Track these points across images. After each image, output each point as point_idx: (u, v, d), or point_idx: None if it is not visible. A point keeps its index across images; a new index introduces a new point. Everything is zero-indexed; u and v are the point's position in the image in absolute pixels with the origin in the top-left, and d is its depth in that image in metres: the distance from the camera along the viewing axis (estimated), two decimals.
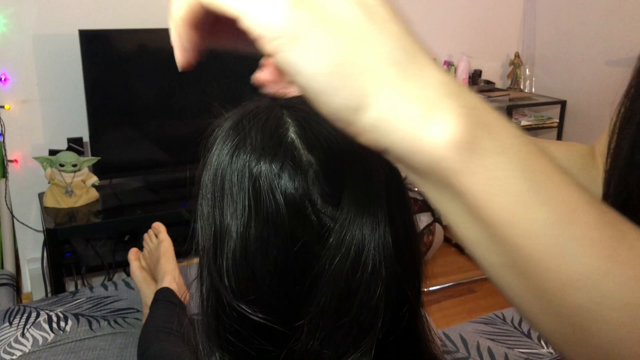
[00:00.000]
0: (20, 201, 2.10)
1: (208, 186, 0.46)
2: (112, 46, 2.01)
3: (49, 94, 2.06)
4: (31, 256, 2.16)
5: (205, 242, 0.46)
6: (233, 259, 0.44)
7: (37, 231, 2.14)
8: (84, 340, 1.28)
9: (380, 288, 0.43)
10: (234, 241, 0.44)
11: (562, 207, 0.27)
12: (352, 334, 0.44)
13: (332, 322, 0.43)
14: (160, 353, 1.06)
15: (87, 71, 1.93)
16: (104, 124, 2.03)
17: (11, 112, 2.02)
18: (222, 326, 0.47)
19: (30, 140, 2.08)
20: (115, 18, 2.10)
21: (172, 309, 1.19)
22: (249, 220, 0.43)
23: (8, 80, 2.01)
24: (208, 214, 0.46)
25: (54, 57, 2.04)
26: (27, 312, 1.35)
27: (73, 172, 1.94)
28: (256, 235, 0.44)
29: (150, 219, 1.56)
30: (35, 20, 1.99)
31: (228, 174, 0.45)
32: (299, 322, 0.44)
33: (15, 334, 1.27)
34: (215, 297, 0.46)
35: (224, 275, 0.45)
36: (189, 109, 2.05)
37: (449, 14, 2.81)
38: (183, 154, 2.16)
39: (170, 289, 1.26)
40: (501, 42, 2.99)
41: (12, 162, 2.06)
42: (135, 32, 2.04)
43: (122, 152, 2.09)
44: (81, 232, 1.98)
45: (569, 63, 2.79)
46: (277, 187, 0.43)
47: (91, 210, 1.99)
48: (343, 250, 0.42)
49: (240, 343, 0.46)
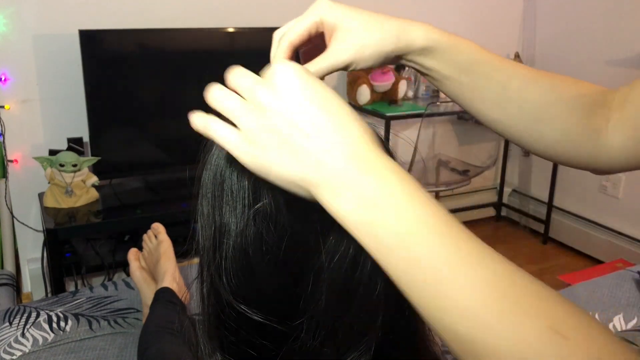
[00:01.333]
0: (20, 201, 2.10)
1: (208, 185, 0.46)
2: (112, 46, 2.01)
3: (49, 94, 2.06)
4: (31, 256, 2.16)
5: (205, 241, 0.47)
6: (233, 257, 0.44)
7: (37, 231, 2.14)
8: (84, 340, 1.28)
9: (379, 286, 0.43)
10: (234, 239, 0.44)
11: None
12: (352, 333, 0.44)
13: (332, 320, 0.43)
14: (161, 353, 1.06)
15: (87, 71, 1.93)
16: (104, 124, 2.03)
17: (11, 112, 2.02)
18: (222, 326, 0.47)
19: (30, 140, 2.08)
20: (115, 18, 2.10)
21: (172, 308, 1.19)
22: (248, 218, 0.43)
23: (8, 80, 2.01)
24: (208, 213, 0.46)
25: (54, 57, 2.04)
26: (27, 312, 1.35)
27: (73, 172, 1.94)
28: (256, 233, 0.44)
29: (150, 219, 1.56)
30: (35, 20, 1.99)
31: (227, 172, 0.45)
32: (299, 320, 0.44)
33: (15, 334, 1.27)
34: (215, 296, 0.46)
35: (222, 275, 0.45)
36: (189, 109, 2.04)
37: (448, 14, 2.81)
38: (183, 154, 2.16)
39: (170, 288, 1.26)
40: (501, 42, 2.99)
41: (12, 162, 2.06)
42: (135, 32, 2.04)
43: (122, 152, 2.09)
44: (81, 232, 1.98)
45: (569, 63, 2.79)
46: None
47: (91, 210, 1.99)
48: (342, 248, 0.42)
49: (240, 342, 0.46)
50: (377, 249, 0.36)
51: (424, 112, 2.42)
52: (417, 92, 2.75)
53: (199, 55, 2.12)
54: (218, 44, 2.20)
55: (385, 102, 2.57)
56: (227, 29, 2.17)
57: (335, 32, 0.50)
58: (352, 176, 0.36)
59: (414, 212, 0.35)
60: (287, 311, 0.45)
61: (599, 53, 2.64)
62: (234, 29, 2.17)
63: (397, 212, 0.35)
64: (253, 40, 2.16)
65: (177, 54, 2.09)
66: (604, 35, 2.63)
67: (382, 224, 0.35)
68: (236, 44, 2.21)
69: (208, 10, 2.25)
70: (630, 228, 2.62)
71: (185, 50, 2.11)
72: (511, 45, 3.02)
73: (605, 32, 2.63)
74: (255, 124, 0.38)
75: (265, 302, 0.45)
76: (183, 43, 2.11)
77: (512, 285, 0.33)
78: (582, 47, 2.75)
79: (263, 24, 2.17)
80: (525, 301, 0.32)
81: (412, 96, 2.74)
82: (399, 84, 2.57)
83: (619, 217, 2.66)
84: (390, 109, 2.47)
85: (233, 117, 0.40)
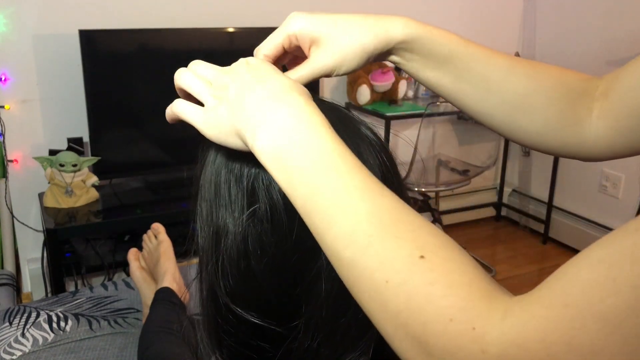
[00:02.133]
0: (20, 201, 2.10)
1: (206, 187, 0.47)
2: (112, 46, 2.01)
3: (49, 94, 2.06)
4: (31, 256, 2.16)
5: (204, 242, 0.47)
6: (231, 258, 0.44)
7: (37, 231, 2.14)
8: (84, 340, 1.28)
9: None
10: (232, 241, 0.44)
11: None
12: (350, 334, 0.44)
13: (330, 322, 0.43)
14: (161, 353, 1.06)
15: (87, 71, 1.93)
16: (104, 124, 2.03)
17: (11, 112, 2.02)
18: (220, 327, 0.47)
19: (30, 140, 2.08)
20: (115, 18, 2.10)
21: (172, 308, 1.19)
22: (246, 219, 0.43)
23: (8, 80, 2.01)
24: (207, 214, 0.46)
25: (54, 57, 2.04)
26: (27, 312, 1.35)
27: (73, 172, 1.94)
28: (254, 234, 0.44)
29: (150, 219, 1.56)
30: (35, 20, 1.99)
31: (225, 175, 0.45)
32: (297, 322, 0.44)
33: (15, 334, 1.27)
34: (212, 297, 0.46)
35: (220, 276, 0.45)
36: None
37: (448, 14, 2.81)
38: (183, 154, 2.17)
39: (170, 288, 1.26)
40: (501, 42, 2.99)
41: (12, 162, 2.06)
42: (135, 32, 2.04)
43: (122, 152, 2.09)
44: (81, 232, 1.98)
45: (569, 63, 2.79)
46: (274, 187, 0.44)
47: (91, 210, 1.99)
48: None
49: (238, 344, 0.46)
50: (287, 180, 0.40)
51: (424, 112, 2.42)
52: (417, 92, 2.75)
53: (199, 55, 2.09)
54: (218, 44, 2.20)
55: (385, 102, 2.57)
56: (227, 29, 2.17)
57: (316, 41, 0.51)
58: (267, 110, 0.41)
59: (318, 145, 0.40)
60: (285, 312, 0.44)
61: (599, 53, 2.64)
62: (234, 29, 2.17)
63: (303, 144, 0.40)
64: (253, 40, 2.13)
65: (177, 54, 2.09)
66: (604, 35, 2.63)
67: (290, 156, 0.40)
68: (236, 44, 2.21)
69: (208, 10, 2.25)
70: None
71: (185, 50, 2.11)
72: (511, 45, 3.02)
73: (605, 32, 2.63)
74: (217, 100, 0.44)
75: (263, 302, 0.45)
76: (183, 43, 2.11)
77: (390, 217, 0.37)
78: (582, 47, 2.75)
79: (263, 24, 2.17)
80: (398, 229, 0.37)
81: (412, 96, 2.74)
82: (399, 83, 2.57)
83: (619, 217, 2.66)
84: (390, 109, 2.47)
85: (199, 94, 0.45)
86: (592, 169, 2.74)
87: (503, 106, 0.56)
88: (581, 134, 0.56)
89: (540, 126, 0.57)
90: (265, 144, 0.41)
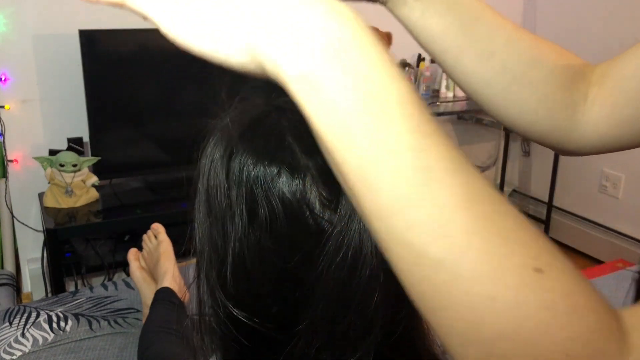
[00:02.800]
0: (20, 201, 2.10)
1: (202, 192, 0.46)
2: (112, 46, 2.01)
3: (49, 94, 2.06)
4: (31, 256, 2.16)
5: (202, 246, 0.46)
6: (231, 265, 0.44)
7: (37, 231, 2.14)
8: (84, 340, 1.28)
9: (377, 293, 0.42)
10: (231, 247, 0.44)
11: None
12: (349, 339, 0.43)
13: (330, 328, 0.43)
14: (161, 353, 1.06)
15: (87, 71, 1.93)
16: (104, 124, 2.03)
17: (11, 112, 2.02)
18: (219, 330, 0.46)
19: (30, 140, 2.08)
20: (115, 18, 2.09)
21: (172, 308, 1.19)
22: (245, 226, 0.43)
23: (8, 80, 2.01)
24: (204, 219, 0.46)
25: (54, 57, 2.04)
26: (27, 312, 1.35)
27: (73, 172, 1.94)
28: (253, 241, 0.43)
29: (150, 219, 1.56)
30: (35, 20, 1.99)
31: (223, 179, 0.44)
32: (296, 328, 0.43)
33: (15, 334, 1.27)
34: (210, 302, 0.46)
35: (218, 280, 0.45)
36: (189, 109, 2.05)
37: None
38: (183, 154, 2.14)
39: (170, 288, 1.26)
40: None
41: (12, 162, 2.06)
42: (135, 32, 2.04)
43: (122, 152, 2.09)
44: (81, 232, 1.98)
45: None
46: (273, 192, 0.42)
47: (91, 210, 1.99)
48: (340, 255, 0.41)
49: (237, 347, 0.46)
50: (335, 130, 0.28)
51: None
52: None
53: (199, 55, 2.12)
54: None
55: None
56: None
57: None
58: (307, 19, 0.28)
59: (379, 78, 0.28)
60: (284, 318, 0.44)
61: (599, 53, 2.64)
62: None
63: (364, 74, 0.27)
64: None
65: (177, 54, 2.08)
66: (604, 35, 2.63)
67: (344, 95, 0.28)
68: None
69: None
70: (630, 228, 2.62)
71: (185, 50, 2.10)
72: None
73: (605, 32, 2.63)
74: None
75: (262, 308, 0.45)
76: None
77: (492, 207, 0.28)
78: (582, 47, 2.75)
79: None
80: (504, 226, 0.28)
81: None
82: None
83: (619, 217, 2.66)
84: None
85: None
86: (592, 169, 2.74)
87: (504, 75, 0.53)
88: (573, 118, 0.54)
89: (535, 103, 0.54)
90: (302, 66, 0.28)
